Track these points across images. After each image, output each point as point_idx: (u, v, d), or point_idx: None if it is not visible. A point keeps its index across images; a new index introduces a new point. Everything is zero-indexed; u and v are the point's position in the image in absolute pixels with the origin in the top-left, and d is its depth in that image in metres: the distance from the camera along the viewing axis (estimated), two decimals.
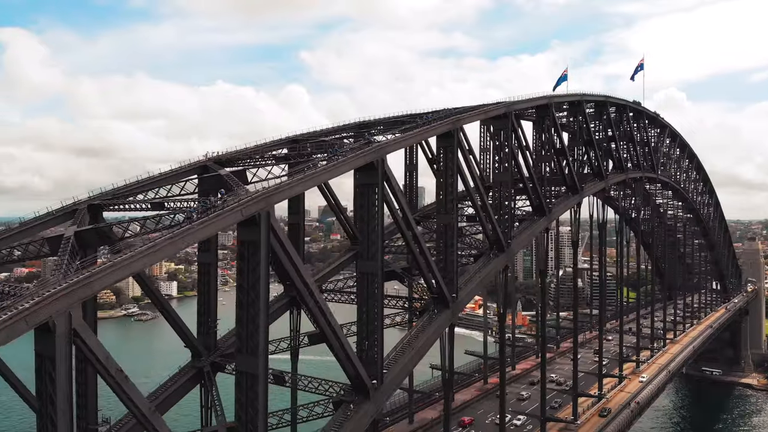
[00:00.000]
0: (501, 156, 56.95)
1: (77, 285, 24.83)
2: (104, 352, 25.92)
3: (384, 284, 55.38)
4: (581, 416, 70.82)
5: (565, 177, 70.34)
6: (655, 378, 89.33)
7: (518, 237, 59.81)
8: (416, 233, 45.05)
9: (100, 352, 25.71)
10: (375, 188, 39.99)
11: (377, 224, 40.18)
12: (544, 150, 64.48)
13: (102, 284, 26.13)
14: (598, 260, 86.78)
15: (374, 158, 39.90)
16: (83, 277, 25.22)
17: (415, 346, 43.99)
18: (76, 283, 24.83)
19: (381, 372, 40.00)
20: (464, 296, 50.41)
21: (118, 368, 26.33)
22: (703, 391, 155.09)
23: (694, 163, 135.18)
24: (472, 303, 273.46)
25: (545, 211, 63.28)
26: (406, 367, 42.82)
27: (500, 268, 55.94)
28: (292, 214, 57.64)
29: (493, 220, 54.80)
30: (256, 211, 31.74)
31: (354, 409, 38.75)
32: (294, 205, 57.01)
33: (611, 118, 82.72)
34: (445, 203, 48.84)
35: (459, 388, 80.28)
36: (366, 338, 40.48)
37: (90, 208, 40.77)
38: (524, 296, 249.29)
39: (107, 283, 26.36)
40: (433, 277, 46.47)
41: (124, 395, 26.58)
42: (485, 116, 54.78)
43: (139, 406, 27.00)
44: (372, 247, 40.34)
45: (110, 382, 26.34)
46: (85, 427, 39.37)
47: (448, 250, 48.79)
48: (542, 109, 64.47)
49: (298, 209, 57.10)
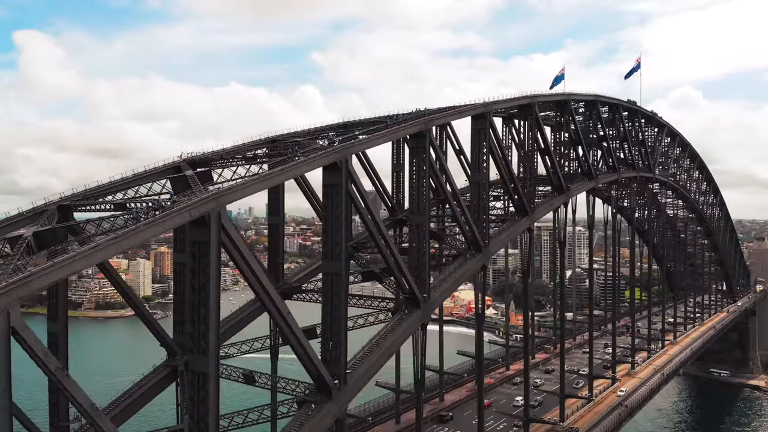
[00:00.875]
0: (478, 156, 56.72)
1: (15, 284, 25.23)
2: (43, 349, 26.37)
3: (360, 284, 56.54)
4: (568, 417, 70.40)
5: (550, 177, 70.07)
6: (649, 380, 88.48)
7: (497, 237, 59.60)
8: (384, 233, 45.06)
9: (39, 349, 26.09)
10: (340, 188, 40.13)
11: (341, 224, 40.30)
12: (527, 150, 64.04)
13: (40, 284, 26.48)
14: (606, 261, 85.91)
15: (338, 158, 40.01)
16: (21, 277, 25.61)
17: (383, 346, 44.02)
18: (13, 283, 25.23)
19: (344, 372, 40.09)
20: (437, 296, 50.36)
21: (58, 366, 26.76)
22: (710, 393, 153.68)
23: (696, 163, 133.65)
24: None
25: (527, 211, 63.00)
26: (372, 368, 42.80)
27: (477, 268, 55.77)
28: (272, 215, 58.11)
29: (469, 220, 54.70)
30: (206, 211, 31.97)
31: (315, 409, 38.94)
32: (273, 206, 57.44)
33: (602, 118, 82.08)
34: (417, 204, 48.82)
35: (449, 388, 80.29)
36: (330, 339, 40.60)
37: (60, 208, 41.35)
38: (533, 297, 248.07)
39: (45, 282, 26.71)
40: (403, 278, 46.51)
41: (66, 391, 27.00)
42: (460, 116, 54.62)
43: (80, 402, 27.36)
44: (336, 248, 40.46)
45: (51, 378, 26.82)
46: (57, 424, 39.77)
47: (420, 250, 48.77)
48: (525, 108, 64.14)
49: (278, 210, 57.51)
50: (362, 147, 43.45)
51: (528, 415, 63.54)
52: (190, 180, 39.55)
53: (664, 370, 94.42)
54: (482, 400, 57.47)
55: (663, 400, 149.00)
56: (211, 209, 32.24)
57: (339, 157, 40.00)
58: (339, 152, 40.24)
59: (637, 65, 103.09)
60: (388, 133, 46.23)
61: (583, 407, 75.62)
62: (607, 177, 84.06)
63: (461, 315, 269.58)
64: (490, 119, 56.57)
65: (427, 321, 48.67)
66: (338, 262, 40.27)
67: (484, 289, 56.33)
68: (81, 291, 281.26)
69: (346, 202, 40.38)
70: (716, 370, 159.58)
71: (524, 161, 64.09)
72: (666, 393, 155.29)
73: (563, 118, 71.94)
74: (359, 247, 61.93)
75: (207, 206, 32.11)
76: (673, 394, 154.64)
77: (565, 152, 73.05)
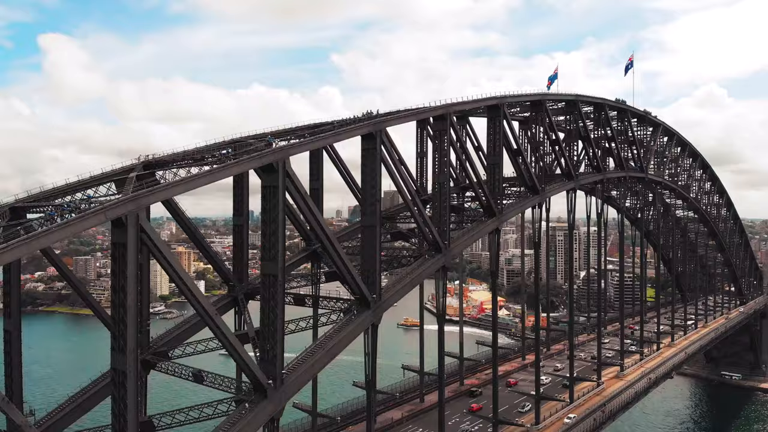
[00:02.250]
0: (440, 158, 56.64)
1: None
2: None
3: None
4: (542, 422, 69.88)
5: (523, 177, 69.58)
6: (636, 383, 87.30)
7: (460, 238, 59.44)
8: (329, 235, 45.35)
9: None
10: (276, 190, 40.52)
11: (278, 226, 40.67)
12: (495, 150, 63.67)
13: None
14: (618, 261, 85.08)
15: (274, 160, 40.39)
16: None
17: (326, 347, 44.31)
18: None
19: (279, 373, 40.48)
20: (390, 297, 50.44)
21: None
22: (721, 396, 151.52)
23: (699, 162, 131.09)
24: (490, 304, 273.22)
25: (495, 212, 62.66)
26: (312, 368, 43.17)
27: (436, 268, 55.65)
28: (236, 216, 58.85)
29: (427, 221, 54.69)
30: (123, 213, 32.64)
31: (249, 408, 39.42)
32: (238, 207, 58.19)
33: (583, 118, 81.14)
34: (367, 205, 48.99)
35: (431, 389, 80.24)
36: (267, 339, 41.04)
37: (12, 209, 42.59)
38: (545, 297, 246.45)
39: None
40: (351, 278, 46.77)
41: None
42: (417, 118, 54.61)
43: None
44: (272, 249, 40.87)
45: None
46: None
47: (371, 251, 48.94)
48: (494, 109, 63.81)
49: (242, 211, 58.24)
50: (300, 150, 43.63)
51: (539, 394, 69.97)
52: (127, 182, 40.26)
53: (653, 373, 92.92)
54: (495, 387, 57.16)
55: (673, 402, 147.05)
56: (129, 211, 32.90)
57: (275, 158, 40.38)
58: (276, 154, 40.60)
59: (630, 63, 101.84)
60: (331, 135, 46.45)
61: (563, 409, 74.98)
62: (590, 177, 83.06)
63: (473, 315, 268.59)
64: (450, 120, 56.41)
65: (377, 321, 48.69)
66: (275, 264, 40.64)
67: (444, 288, 56.19)
68: (99, 290, 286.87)
69: (282, 204, 40.76)
70: (728, 373, 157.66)
71: (495, 162, 63.68)
72: (676, 396, 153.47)
73: (539, 118, 71.28)
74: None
75: (124, 208, 32.77)
76: (684, 397, 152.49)
77: (543, 152, 72.16)
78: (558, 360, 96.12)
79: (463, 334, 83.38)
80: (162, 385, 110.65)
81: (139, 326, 49.82)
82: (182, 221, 51.54)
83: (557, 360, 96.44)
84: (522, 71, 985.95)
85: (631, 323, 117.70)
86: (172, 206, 49.25)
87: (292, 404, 71.29)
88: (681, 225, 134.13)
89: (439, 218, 56.17)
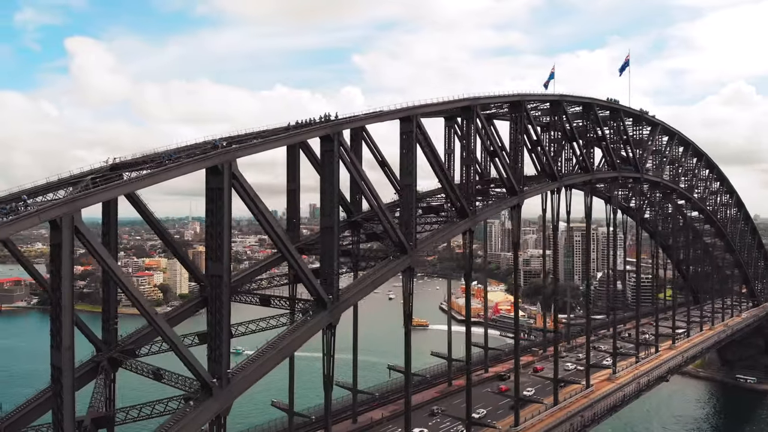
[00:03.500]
0: (406, 159, 56.95)
1: None
2: None
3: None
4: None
5: (503, 179, 69.45)
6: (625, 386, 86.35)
7: (429, 239, 59.72)
8: (282, 236, 46.11)
9: None
10: (221, 192, 41.40)
11: (223, 228, 41.56)
12: (469, 152, 63.70)
13: None
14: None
15: (218, 162, 41.27)
16: None
17: (278, 347, 45.09)
18: None
19: (225, 372, 41.38)
20: (350, 297, 51.00)
21: None
22: (736, 400, 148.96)
23: (703, 161, 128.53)
24: (508, 305, 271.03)
25: (467, 213, 62.69)
26: (261, 368, 43.87)
27: (401, 269, 56.03)
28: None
29: (391, 222, 55.07)
30: (57, 215, 33.86)
31: (194, 406, 40.42)
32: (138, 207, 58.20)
33: (569, 118, 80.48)
34: (325, 206, 49.63)
35: (420, 389, 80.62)
36: (213, 339, 42.00)
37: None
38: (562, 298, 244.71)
39: None
40: (307, 280, 47.49)
41: None
42: (380, 120, 55.07)
43: None
44: (219, 250, 41.78)
45: None
46: None
47: (327, 253, 49.56)
48: (467, 110, 63.85)
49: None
50: (249, 152, 44.33)
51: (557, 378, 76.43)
52: (80, 184, 41.55)
53: (646, 376, 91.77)
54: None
55: (685, 405, 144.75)
56: (64, 213, 34.10)
57: (220, 161, 41.26)
58: (220, 156, 41.48)
59: (626, 62, 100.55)
60: (281, 138, 47.22)
61: (546, 411, 74.62)
62: (577, 177, 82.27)
63: (488, 316, 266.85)
64: (417, 122, 56.64)
65: (335, 322, 49.28)
66: (220, 265, 41.55)
67: (411, 292, 56.47)
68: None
69: (228, 206, 41.64)
70: (742, 376, 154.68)
71: (465, 163, 63.75)
72: (689, 399, 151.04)
73: (519, 119, 70.95)
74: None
75: (59, 210, 33.98)
76: (697, 400, 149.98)
77: (521, 153, 71.81)
78: (580, 351, 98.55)
79: (476, 335, 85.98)
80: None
81: (107, 325, 52.06)
82: (148, 218, 52.29)
83: (580, 351, 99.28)
84: (546, 70, 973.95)
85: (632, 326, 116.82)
86: (136, 203, 49.88)
87: (270, 403, 73.08)
88: (691, 226, 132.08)
89: (408, 219, 56.54)
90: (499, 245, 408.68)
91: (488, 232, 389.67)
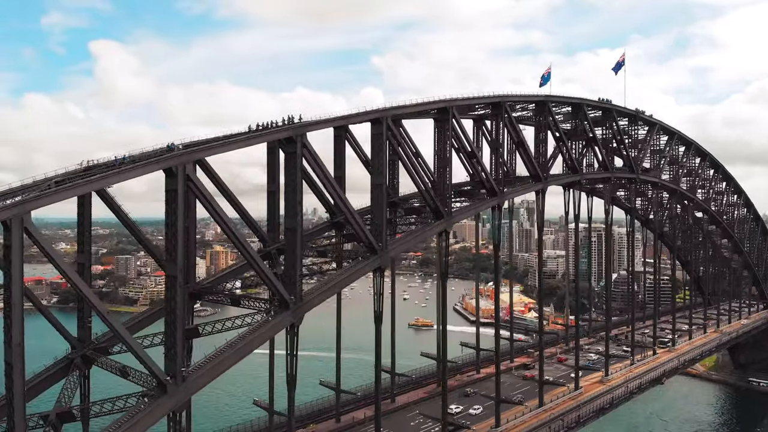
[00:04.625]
0: (377, 160, 57.56)
1: None
2: None
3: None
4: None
5: (482, 180, 69.61)
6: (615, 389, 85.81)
7: (401, 240, 60.29)
8: (238, 238, 47.15)
9: None
10: (176, 194, 42.52)
11: (177, 229, 42.67)
12: (445, 153, 64.03)
13: None
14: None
15: (173, 164, 42.37)
16: None
17: (236, 347, 46.08)
18: None
19: (179, 370, 42.50)
20: (314, 298, 51.78)
21: None
22: (748, 403, 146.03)
23: (708, 161, 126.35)
24: (522, 306, 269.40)
25: (443, 214, 63.03)
26: (218, 367, 44.85)
27: (371, 269, 56.66)
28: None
29: (360, 222, 55.73)
30: (7, 217, 35.31)
31: (148, 402, 41.65)
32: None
33: (555, 119, 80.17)
34: (289, 208, 50.49)
35: (406, 389, 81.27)
36: (169, 337, 43.20)
37: None
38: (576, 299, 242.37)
39: None
40: (268, 280, 48.44)
41: None
42: (345, 123, 55.76)
43: None
44: (174, 251, 42.92)
45: None
46: None
47: (290, 254, 50.41)
48: (443, 112, 64.19)
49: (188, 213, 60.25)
50: (205, 154, 45.43)
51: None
52: (40, 185, 43.05)
53: (639, 379, 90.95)
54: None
55: (696, 408, 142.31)
56: (14, 215, 35.55)
57: (175, 163, 42.36)
58: (175, 159, 42.57)
59: (622, 61, 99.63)
60: (241, 140, 48.28)
61: (530, 412, 74.57)
62: (564, 178, 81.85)
63: (502, 318, 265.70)
64: (387, 124, 57.17)
65: (298, 322, 50.04)
66: (174, 265, 42.69)
67: (381, 292, 56.92)
68: (138, 288, 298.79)
69: (183, 208, 42.76)
70: (756, 379, 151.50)
71: (440, 165, 64.11)
72: (700, 402, 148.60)
73: (499, 120, 71.01)
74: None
75: (8, 212, 35.44)
76: (708, 404, 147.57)
77: (502, 154, 71.86)
78: (600, 344, 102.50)
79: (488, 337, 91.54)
80: None
81: (82, 323, 53.50)
82: (121, 217, 53.29)
83: (600, 344, 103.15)
84: (566, 69, 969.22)
85: (643, 327, 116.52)
86: (109, 202, 50.92)
87: (252, 401, 74.35)
88: (699, 227, 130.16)
89: (381, 219, 57.12)
90: (516, 246, 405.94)
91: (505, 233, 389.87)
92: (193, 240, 55.10)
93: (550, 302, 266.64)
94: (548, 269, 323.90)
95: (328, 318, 74.02)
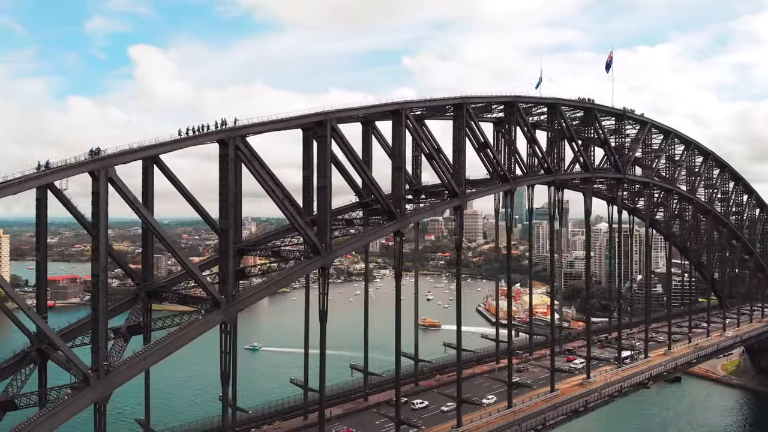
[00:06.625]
0: (323, 162, 58.55)
1: None
2: None
3: None
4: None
5: (443, 181, 69.80)
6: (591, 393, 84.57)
7: (346, 241, 61.15)
8: (165, 240, 49.01)
9: None
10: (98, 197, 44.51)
11: (99, 231, 44.65)
12: (397, 154, 64.56)
13: None
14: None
15: (94, 168, 44.30)
16: None
17: (162, 343, 47.83)
18: None
19: (101, 364, 44.51)
20: (249, 297, 53.16)
21: None
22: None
23: (710, 161, 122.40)
24: (544, 308, 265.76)
25: (396, 216, 63.50)
26: (142, 362, 46.72)
27: (313, 270, 57.69)
28: None
29: (301, 224, 56.82)
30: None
31: (71, 394, 43.82)
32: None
33: (525, 119, 79.50)
34: (222, 209, 52.02)
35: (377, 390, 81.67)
36: (94, 333, 45.34)
37: None
38: (599, 301, 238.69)
39: None
40: (198, 280, 50.13)
41: None
42: (285, 127, 56.90)
43: None
44: (95, 252, 45.01)
45: None
46: None
47: (224, 254, 51.90)
48: (396, 114, 64.72)
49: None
50: (124, 159, 46.51)
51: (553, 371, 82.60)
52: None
53: (623, 382, 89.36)
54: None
55: (713, 414, 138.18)
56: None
57: (96, 167, 44.28)
58: (96, 163, 44.47)
59: (609, 60, 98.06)
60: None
61: (497, 413, 74.31)
62: (534, 179, 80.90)
63: (523, 319, 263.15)
64: (331, 126, 58.05)
65: (230, 321, 51.39)
66: (97, 264, 44.73)
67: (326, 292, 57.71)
68: None
69: (103, 211, 44.64)
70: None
71: (395, 166, 64.69)
72: (717, 407, 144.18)
73: (461, 121, 70.98)
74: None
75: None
76: (723, 408, 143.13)
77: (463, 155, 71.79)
78: (615, 344, 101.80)
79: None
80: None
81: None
82: (76, 216, 55.40)
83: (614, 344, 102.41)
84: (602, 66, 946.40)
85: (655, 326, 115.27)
86: (64, 201, 53.14)
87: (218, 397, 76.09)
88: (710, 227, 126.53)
89: (325, 221, 58.11)
90: (545, 247, 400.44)
91: (535, 233, 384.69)
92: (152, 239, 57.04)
93: (572, 304, 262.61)
94: (574, 270, 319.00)
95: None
